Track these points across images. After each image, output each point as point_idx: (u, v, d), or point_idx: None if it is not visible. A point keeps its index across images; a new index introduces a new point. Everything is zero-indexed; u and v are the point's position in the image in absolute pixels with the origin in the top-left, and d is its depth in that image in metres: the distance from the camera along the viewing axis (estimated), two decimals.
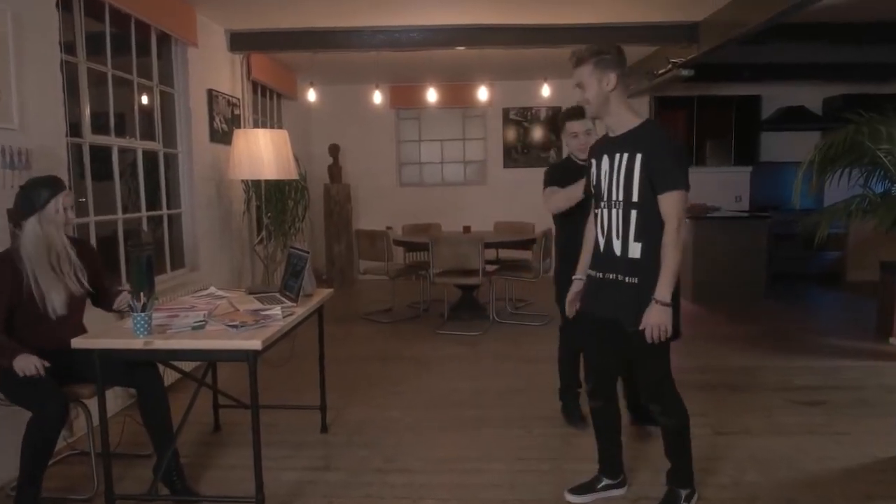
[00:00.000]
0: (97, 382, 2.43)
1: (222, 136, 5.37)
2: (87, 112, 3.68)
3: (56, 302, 2.60)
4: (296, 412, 3.53)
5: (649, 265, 2.27)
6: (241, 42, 5.64)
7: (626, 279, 2.32)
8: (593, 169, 2.48)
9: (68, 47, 3.52)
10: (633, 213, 2.30)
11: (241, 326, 2.48)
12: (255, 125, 6.60)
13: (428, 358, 4.81)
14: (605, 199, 2.38)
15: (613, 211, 2.36)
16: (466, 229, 6.38)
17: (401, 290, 6.65)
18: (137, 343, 2.34)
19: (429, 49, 5.68)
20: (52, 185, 2.63)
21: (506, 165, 8.49)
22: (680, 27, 5.42)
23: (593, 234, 2.49)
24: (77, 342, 2.39)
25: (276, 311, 2.74)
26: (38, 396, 2.44)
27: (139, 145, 4.27)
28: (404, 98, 8.39)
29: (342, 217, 7.96)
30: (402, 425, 3.50)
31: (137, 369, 2.68)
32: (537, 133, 8.45)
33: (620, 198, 2.31)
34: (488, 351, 5.01)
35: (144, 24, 4.30)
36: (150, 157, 4.49)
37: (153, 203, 4.54)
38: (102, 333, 2.53)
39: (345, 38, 5.58)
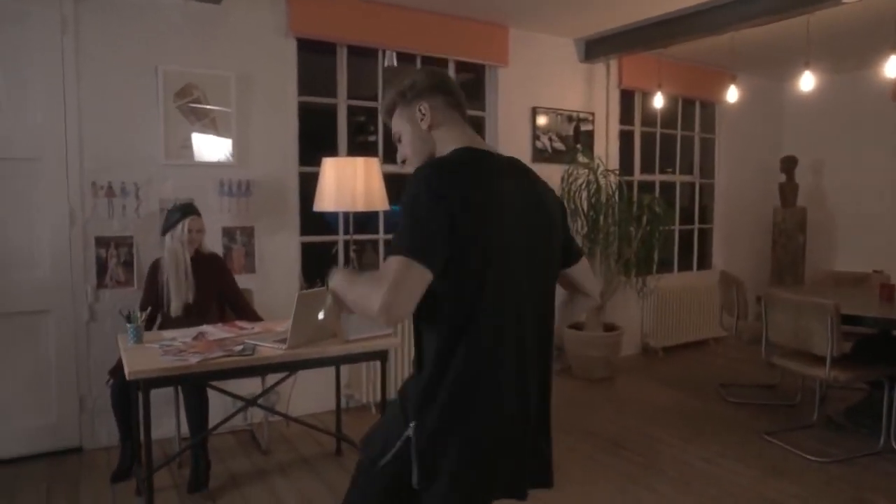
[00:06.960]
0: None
1: (552, 156, 5.03)
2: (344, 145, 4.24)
3: (174, 306, 3.21)
4: None
5: None
6: (595, 50, 5.09)
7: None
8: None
9: None
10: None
11: (175, 356, 2.54)
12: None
13: (680, 467, 3.35)
14: None
15: None
16: (885, 288, 3.96)
17: None
18: (123, 346, 2.75)
19: (790, 16, 3.79)
20: (183, 209, 3.24)
21: None
22: None
23: None
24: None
25: (240, 348, 2.64)
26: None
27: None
28: None
29: (787, 251, 6.07)
30: None
31: None
32: None
33: None
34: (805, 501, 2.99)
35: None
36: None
37: None
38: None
39: (690, 23, 4.31)
